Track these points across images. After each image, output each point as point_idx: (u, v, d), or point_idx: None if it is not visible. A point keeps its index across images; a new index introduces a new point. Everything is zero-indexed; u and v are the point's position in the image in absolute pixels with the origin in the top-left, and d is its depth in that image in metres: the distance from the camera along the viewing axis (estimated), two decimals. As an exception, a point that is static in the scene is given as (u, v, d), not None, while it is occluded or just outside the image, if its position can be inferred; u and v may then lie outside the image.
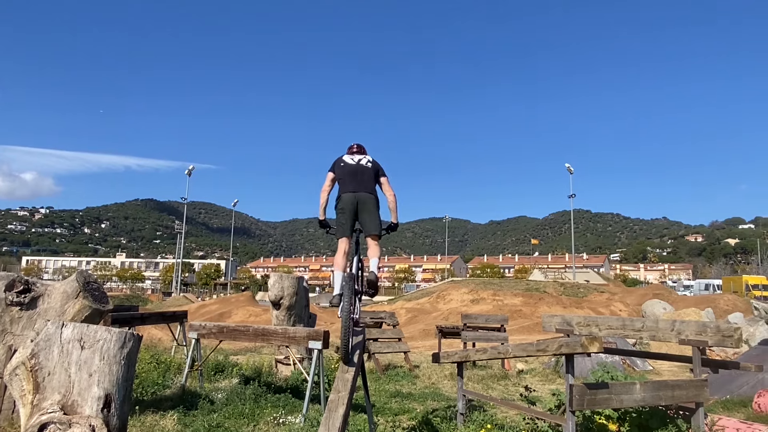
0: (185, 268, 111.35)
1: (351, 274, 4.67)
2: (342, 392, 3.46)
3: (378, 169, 5.47)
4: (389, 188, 5.44)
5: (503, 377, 9.95)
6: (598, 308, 29.91)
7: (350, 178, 5.28)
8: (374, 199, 5.24)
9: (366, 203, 5.17)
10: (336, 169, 5.40)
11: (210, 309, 41.51)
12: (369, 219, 5.17)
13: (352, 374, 3.72)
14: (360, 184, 5.23)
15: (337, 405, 3.32)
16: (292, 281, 8.42)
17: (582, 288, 41.42)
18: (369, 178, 5.33)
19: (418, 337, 22.51)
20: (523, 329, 22.77)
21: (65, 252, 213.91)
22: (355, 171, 5.33)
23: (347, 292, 4.37)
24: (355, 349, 4.32)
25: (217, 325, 6.99)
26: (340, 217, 5.16)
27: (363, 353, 4.82)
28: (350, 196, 5.16)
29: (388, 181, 5.48)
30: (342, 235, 5.12)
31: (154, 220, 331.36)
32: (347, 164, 5.40)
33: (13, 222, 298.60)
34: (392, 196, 5.43)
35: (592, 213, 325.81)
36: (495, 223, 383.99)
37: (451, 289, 39.12)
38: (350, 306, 4.34)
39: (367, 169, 5.38)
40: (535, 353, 4.35)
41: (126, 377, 3.60)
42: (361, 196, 5.16)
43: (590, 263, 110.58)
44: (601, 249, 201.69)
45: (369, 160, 5.47)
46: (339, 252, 5.09)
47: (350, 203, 5.12)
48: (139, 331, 14.90)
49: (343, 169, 5.36)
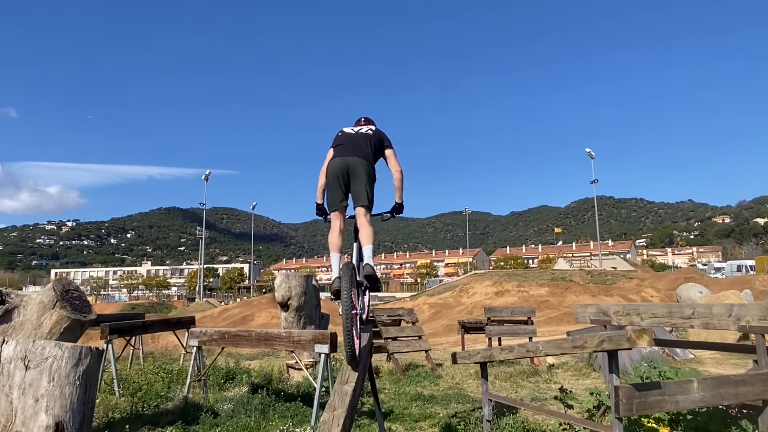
0: (209, 273, 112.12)
1: (350, 263, 3.96)
2: (338, 410, 2.81)
3: (381, 138, 4.65)
4: (395, 162, 4.61)
5: (533, 373, 9.25)
6: (628, 295, 28.86)
7: (344, 145, 4.52)
8: (367, 165, 4.39)
9: (357, 169, 4.34)
10: (334, 142, 4.65)
11: (232, 313, 41.33)
12: (358, 187, 4.34)
13: (352, 386, 3.08)
14: (353, 149, 4.44)
15: (331, 427, 2.67)
16: (299, 280, 7.84)
17: (610, 275, 40.29)
18: (366, 145, 4.52)
19: (441, 332, 21.84)
20: (551, 320, 21.94)
21: (93, 263, 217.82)
22: (350, 138, 4.58)
23: (345, 284, 3.66)
24: (362, 353, 3.70)
25: (218, 331, 6.45)
26: (328, 189, 4.42)
27: (370, 356, 4.21)
28: (339, 161, 4.37)
29: (394, 154, 4.65)
30: (333, 208, 4.38)
31: (177, 227, 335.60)
32: (345, 134, 4.66)
33: (42, 236, 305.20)
34: (398, 173, 4.59)
35: (615, 199, 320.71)
36: (516, 214, 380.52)
37: (474, 282, 38.32)
38: (351, 300, 3.64)
39: (366, 136, 4.58)
40: (571, 350, 3.69)
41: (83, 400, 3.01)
42: (351, 161, 4.36)
43: (616, 250, 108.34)
44: (626, 235, 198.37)
45: (372, 129, 4.70)
46: (332, 230, 4.37)
47: (339, 169, 4.34)
48: (148, 339, 14.36)
49: (340, 139, 4.61)
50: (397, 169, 4.62)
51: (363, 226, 4.34)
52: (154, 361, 9.72)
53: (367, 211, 4.39)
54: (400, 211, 4.80)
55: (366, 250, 4.25)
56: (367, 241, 4.28)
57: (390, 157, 4.63)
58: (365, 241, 4.29)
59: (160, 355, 12.97)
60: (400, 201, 4.74)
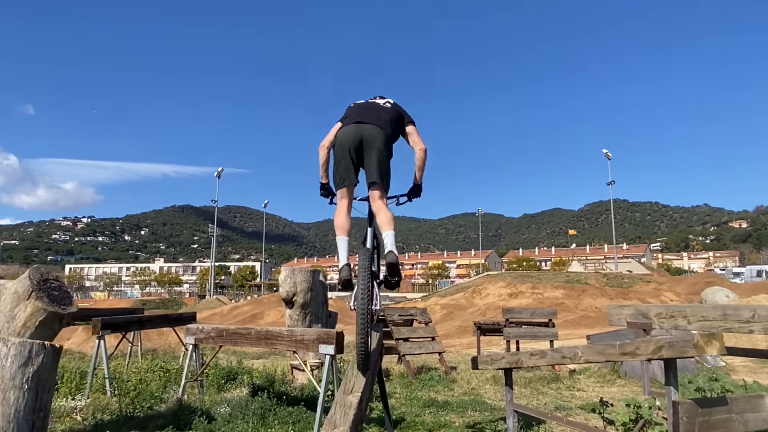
0: (221, 271, 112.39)
1: (367, 249, 3.35)
2: (339, 428, 2.27)
3: (401, 113, 4.02)
4: (419, 139, 3.98)
5: (554, 379, 8.65)
6: (646, 298, 28.05)
7: (356, 113, 3.89)
8: (384, 136, 3.76)
9: (373, 140, 3.70)
10: (345, 113, 4.03)
11: (242, 311, 41.04)
12: (373, 162, 3.70)
13: (357, 396, 2.53)
14: (369, 116, 3.81)
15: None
16: (305, 275, 7.32)
17: (626, 278, 39.39)
18: (384, 115, 3.88)
19: (454, 334, 21.24)
20: (568, 323, 21.24)
21: (107, 259, 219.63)
22: (365, 106, 3.97)
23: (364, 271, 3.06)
24: (372, 356, 3.13)
25: (216, 329, 5.94)
26: (336, 159, 3.79)
27: (380, 359, 3.66)
28: (352, 129, 3.74)
29: (417, 130, 4.01)
30: (341, 185, 3.77)
31: (191, 225, 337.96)
32: (358, 104, 4.05)
33: (57, 232, 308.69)
34: (423, 150, 3.96)
35: (630, 202, 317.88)
36: (529, 216, 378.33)
37: (487, 283, 37.63)
38: (367, 292, 3.05)
39: (383, 107, 3.96)
40: (619, 357, 3.12)
41: (33, 407, 2.47)
42: (366, 130, 3.72)
43: (631, 253, 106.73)
44: (640, 239, 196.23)
45: (390, 102, 4.08)
46: (338, 209, 3.77)
47: (351, 138, 3.71)
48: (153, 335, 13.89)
49: (352, 109, 3.99)
50: (422, 147, 3.99)
51: (381, 210, 3.75)
52: (153, 359, 9.25)
53: (384, 192, 3.80)
54: (419, 194, 4.18)
55: (388, 236, 3.65)
56: (387, 226, 3.68)
57: (412, 133, 4.01)
58: (385, 226, 3.69)
59: (164, 353, 12.52)
60: (420, 182, 4.11)
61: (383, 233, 3.69)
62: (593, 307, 26.80)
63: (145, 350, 13.42)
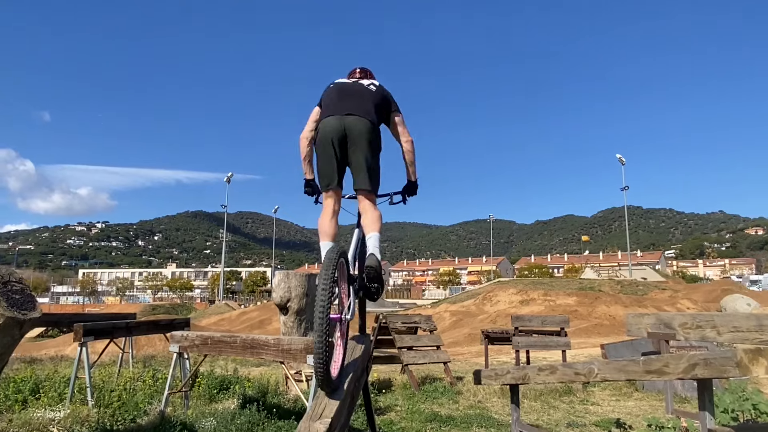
0: (232, 276, 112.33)
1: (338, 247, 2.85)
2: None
3: (387, 98, 3.56)
4: (405, 130, 3.56)
5: (566, 392, 8.13)
6: (662, 306, 27.27)
7: (337, 98, 3.42)
8: (370, 127, 3.32)
9: (357, 133, 3.27)
10: (323, 97, 3.54)
11: (250, 316, 40.71)
12: (359, 161, 3.28)
13: (326, 424, 2.07)
14: (351, 105, 3.35)
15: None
16: (300, 280, 6.90)
17: (641, 286, 38.49)
18: (368, 102, 3.42)
19: (463, 342, 20.67)
20: (581, 332, 20.59)
21: (120, 264, 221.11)
22: (346, 90, 3.49)
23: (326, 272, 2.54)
24: (345, 373, 2.69)
25: (201, 336, 5.52)
26: (319, 160, 3.35)
27: (365, 375, 3.22)
28: (332, 122, 3.28)
29: (403, 120, 3.57)
30: (326, 187, 3.34)
31: (204, 230, 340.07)
32: (339, 85, 3.57)
33: (72, 237, 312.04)
34: (410, 143, 3.55)
35: (644, 209, 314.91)
36: (541, 222, 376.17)
37: (498, 290, 36.94)
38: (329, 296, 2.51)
39: (367, 91, 3.50)
40: (643, 376, 2.64)
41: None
42: (349, 122, 3.27)
43: (645, 260, 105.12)
44: (654, 246, 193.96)
45: (374, 84, 3.60)
46: (324, 213, 3.35)
47: (333, 132, 3.26)
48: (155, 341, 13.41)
49: (331, 91, 3.52)
50: (408, 139, 3.56)
51: (367, 210, 3.33)
52: (144, 367, 8.87)
53: (372, 191, 3.36)
54: (414, 192, 3.74)
55: (371, 238, 3.23)
56: (372, 227, 3.27)
57: (398, 124, 3.56)
58: (370, 227, 3.27)
59: (162, 360, 12.14)
60: (413, 179, 3.68)
61: (366, 235, 3.27)
62: (607, 314, 26.10)
63: (144, 357, 13.08)
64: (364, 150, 3.30)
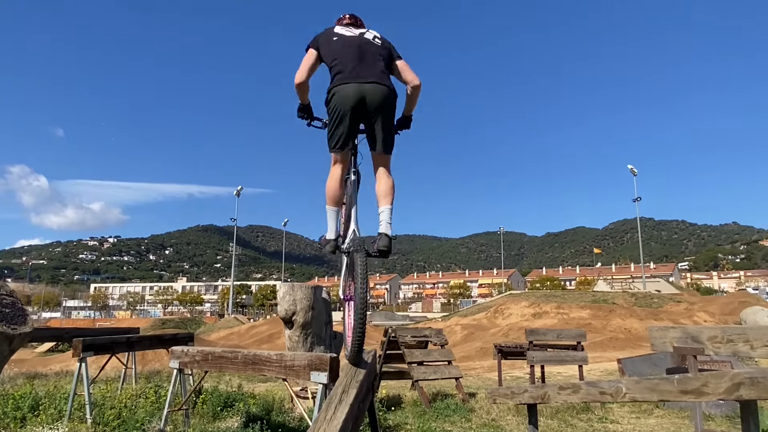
0: (242, 290, 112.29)
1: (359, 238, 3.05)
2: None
3: (390, 49, 3.51)
4: (412, 74, 3.48)
5: (584, 409, 7.78)
6: (679, 319, 26.70)
7: (351, 59, 3.29)
8: (391, 96, 3.30)
9: (381, 103, 3.23)
10: (323, 44, 3.44)
11: (259, 330, 40.39)
12: (383, 128, 3.27)
13: None
14: (368, 69, 3.27)
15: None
16: (306, 292, 6.66)
17: (655, 298, 37.86)
18: (381, 62, 3.36)
19: (475, 356, 20.28)
20: (596, 345, 20.12)
21: (132, 278, 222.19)
22: (358, 48, 3.38)
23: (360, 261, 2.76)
24: (349, 386, 2.46)
25: (201, 351, 5.30)
26: (334, 123, 3.27)
27: (371, 394, 2.98)
28: (353, 90, 3.19)
29: (406, 63, 3.52)
30: (339, 149, 3.28)
31: (214, 244, 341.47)
32: (343, 37, 3.45)
33: (84, 251, 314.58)
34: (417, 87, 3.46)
35: (656, 221, 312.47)
36: (552, 234, 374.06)
37: (509, 302, 36.46)
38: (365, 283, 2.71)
39: (375, 46, 3.43)
40: (678, 396, 2.38)
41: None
42: (370, 91, 3.21)
43: (658, 272, 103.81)
44: (667, 258, 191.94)
45: (377, 36, 3.52)
46: (332, 175, 3.30)
47: (353, 100, 3.18)
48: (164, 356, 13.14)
49: (337, 44, 3.40)
50: (417, 83, 3.47)
51: (383, 177, 3.30)
52: (149, 382, 8.65)
53: (391, 153, 3.38)
54: (408, 126, 3.67)
55: (384, 212, 3.20)
56: (387, 198, 3.24)
57: (404, 68, 3.49)
58: (385, 198, 3.24)
59: (168, 375, 11.90)
60: (410, 113, 3.63)
61: (380, 207, 3.23)
62: (622, 327, 25.58)
63: (151, 372, 12.86)
64: (388, 116, 3.31)
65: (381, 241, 3.10)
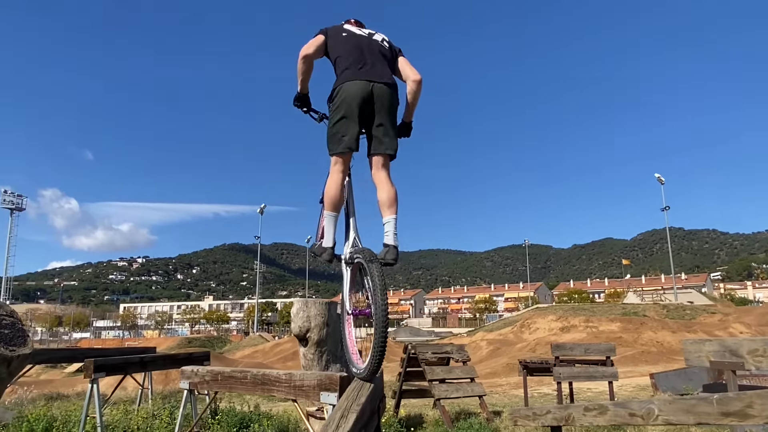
0: (267, 307, 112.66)
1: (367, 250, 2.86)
2: None
3: (395, 49, 3.42)
4: (412, 69, 3.34)
5: (615, 427, 7.38)
6: (713, 331, 25.74)
7: (359, 57, 3.20)
8: (396, 98, 3.21)
9: (389, 103, 3.13)
10: (332, 36, 3.35)
11: (284, 348, 40.29)
12: (387, 129, 3.12)
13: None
14: (376, 69, 3.17)
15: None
16: (320, 308, 6.44)
17: (688, 309, 36.71)
18: (388, 63, 3.29)
19: (501, 372, 19.76)
20: (627, 360, 19.46)
21: (160, 298, 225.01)
22: (367, 47, 3.28)
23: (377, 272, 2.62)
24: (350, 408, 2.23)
25: (211, 371, 5.13)
26: (339, 120, 3.09)
27: (375, 422, 2.75)
28: (361, 87, 3.06)
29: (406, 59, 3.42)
30: (341, 150, 3.10)
31: (240, 263, 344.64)
32: (352, 33, 3.37)
33: (114, 272, 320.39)
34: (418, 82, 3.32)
35: (686, 230, 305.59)
36: (579, 246, 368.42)
37: (536, 316, 35.70)
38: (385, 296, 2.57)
39: (384, 48, 3.35)
40: (720, 420, 2.09)
41: None
42: (378, 90, 3.09)
43: (690, 283, 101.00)
44: (699, 268, 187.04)
45: (385, 38, 3.44)
46: (333, 179, 3.12)
47: (360, 98, 3.05)
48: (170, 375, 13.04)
49: (346, 39, 3.31)
50: (418, 78, 3.33)
51: (385, 182, 3.10)
52: (163, 403, 8.51)
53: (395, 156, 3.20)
54: (408, 134, 3.49)
55: (389, 223, 2.99)
56: (392, 207, 3.03)
57: (404, 64, 3.38)
58: (389, 208, 3.03)
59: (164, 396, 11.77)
60: (410, 119, 3.46)
61: (385, 217, 3.02)
62: (654, 341, 24.74)
63: (171, 391, 12.76)
64: (394, 118, 3.21)
65: (389, 254, 2.92)
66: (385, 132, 3.13)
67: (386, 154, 3.14)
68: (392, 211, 3.02)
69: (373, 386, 2.67)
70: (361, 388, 2.61)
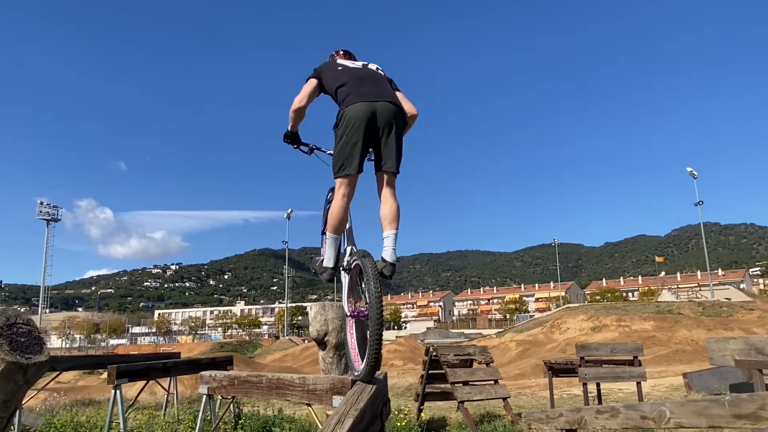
0: (298, 311, 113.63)
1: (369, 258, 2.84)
2: None
3: (391, 80, 3.51)
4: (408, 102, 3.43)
5: (638, 427, 7.17)
6: (751, 328, 24.92)
7: (359, 83, 3.26)
8: (401, 116, 3.23)
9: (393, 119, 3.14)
10: (326, 73, 3.40)
11: (313, 351, 40.54)
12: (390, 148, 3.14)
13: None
14: (377, 90, 3.22)
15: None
16: (338, 312, 6.48)
17: (725, 306, 35.60)
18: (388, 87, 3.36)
19: (530, 373, 19.47)
20: (660, 359, 18.97)
21: (193, 304, 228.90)
22: (366, 74, 3.37)
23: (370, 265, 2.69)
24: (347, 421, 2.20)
25: (228, 376, 5.16)
26: (344, 141, 3.11)
27: (377, 426, 2.70)
28: (365, 107, 3.09)
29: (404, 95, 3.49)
30: (346, 171, 3.10)
31: (270, 267, 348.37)
32: (347, 67, 3.43)
33: (149, 279, 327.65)
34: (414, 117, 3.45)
35: (722, 225, 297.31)
36: (611, 244, 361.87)
37: (566, 316, 35.11)
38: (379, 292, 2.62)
39: (380, 75, 3.43)
40: (732, 422, 1.99)
41: None
42: (382, 109, 3.12)
43: (727, 279, 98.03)
44: (736, 264, 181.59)
45: (379, 68, 3.52)
46: (339, 203, 3.12)
47: (365, 119, 3.07)
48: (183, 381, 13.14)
49: (342, 72, 3.36)
50: (415, 113, 3.45)
51: (389, 199, 3.14)
52: (188, 408, 8.61)
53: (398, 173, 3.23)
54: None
55: (389, 237, 3.03)
56: (394, 223, 3.08)
57: (403, 98, 3.43)
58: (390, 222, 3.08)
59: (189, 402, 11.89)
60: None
61: (386, 232, 3.06)
62: (689, 339, 24.05)
63: (198, 397, 12.91)
64: (399, 134, 3.24)
65: (386, 269, 2.97)
66: (391, 147, 3.17)
67: (391, 171, 3.19)
68: (393, 227, 3.07)
69: (375, 389, 2.63)
70: (361, 392, 2.57)
